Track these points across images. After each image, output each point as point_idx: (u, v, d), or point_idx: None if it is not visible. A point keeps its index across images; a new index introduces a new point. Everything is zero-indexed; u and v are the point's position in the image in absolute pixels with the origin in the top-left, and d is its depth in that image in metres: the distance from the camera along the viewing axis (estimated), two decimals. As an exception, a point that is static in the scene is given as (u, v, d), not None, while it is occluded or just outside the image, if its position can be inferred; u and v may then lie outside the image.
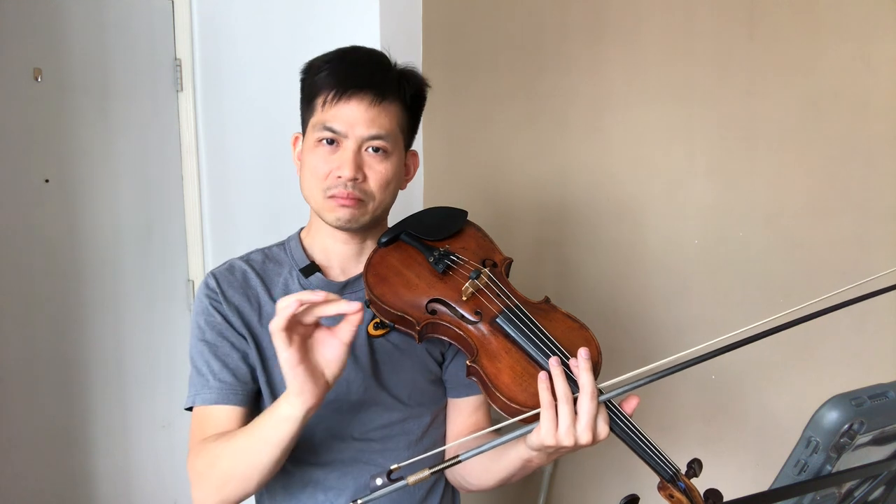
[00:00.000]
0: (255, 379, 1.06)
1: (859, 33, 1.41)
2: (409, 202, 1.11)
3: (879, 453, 0.72)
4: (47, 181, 1.66)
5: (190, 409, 1.05)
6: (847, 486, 0.71)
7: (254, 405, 1.06)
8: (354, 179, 1.00)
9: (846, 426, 0.66)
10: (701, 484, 0.87)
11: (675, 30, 1.59)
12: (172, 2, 1.93)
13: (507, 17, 1.80)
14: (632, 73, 1.65)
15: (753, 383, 1.59)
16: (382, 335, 1.08)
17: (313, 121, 1.02)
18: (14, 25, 1.57)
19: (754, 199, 1.55)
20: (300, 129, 1.10)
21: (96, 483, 1.80)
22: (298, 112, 1.09)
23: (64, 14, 1.68)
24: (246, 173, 1.97)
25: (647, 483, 0.96)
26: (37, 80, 1.62)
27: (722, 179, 1.58)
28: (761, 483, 0.71)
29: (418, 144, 1.87)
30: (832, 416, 0.67)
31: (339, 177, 1.00)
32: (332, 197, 1.02)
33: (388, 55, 1.06)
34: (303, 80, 1.06)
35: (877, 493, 0.73)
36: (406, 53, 1.08)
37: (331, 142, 1.01)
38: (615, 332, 1.72)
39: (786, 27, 1.47)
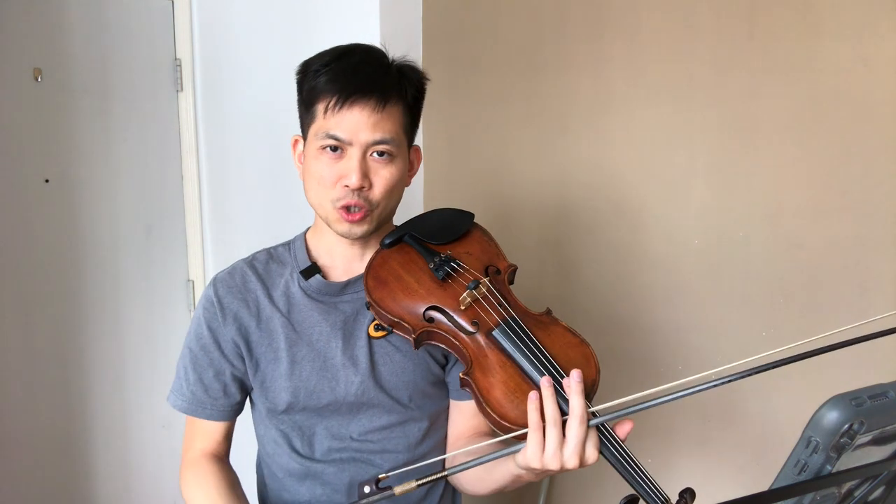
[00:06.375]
0: (227, 394, 1.09)
1: (859, 33, 1.40)
2: (409, 202, 1.11)
3: (879, 453, 0.72)
4: (47, 181, 1.66)
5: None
6: (847, 486, 0.71)
7: (230, 418, 1.12)
8: (361, 188, 0.99)
9: (846, 426, 0.66)
10: (701, 486, 0.87)
11: (676, 30, 1.59)
12: (172, 2, 1.93)
13: (507, 17, 1.80)
14: (632, 73, 1.65)
15: (753, 383, 1.58)
16: (383, 337, 1.08)
17: (315, 128, 1.01)
18: (14, 25, 1.57)
19: (754, 199, 1.55)
20: (299, 130, 1.09)
21: (96, 483, 1.80)
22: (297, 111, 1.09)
23: (64, 14, 1.68)
24: (246, 173, 1.97)
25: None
26: (37, 80, 1.62)
27: (722, 179, 1.58)
28: (761, 483, 0.71)
29: (418, 143, 1.87)
30: (832, 416, 0.67)
31: (346, 185, 0.99)
32: (341, 209, 1.01)
33: (385, 51, 1.05)
34: (299, 82, 1.05)
35: (877, 493, 0.73)
36: (406, 53, 1.08)
37: (335, 149, 0.99)
38: (615, 332, 1.72)
39: (786, 27, 1.47)
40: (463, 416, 1.14)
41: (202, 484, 1.03)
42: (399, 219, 1.13)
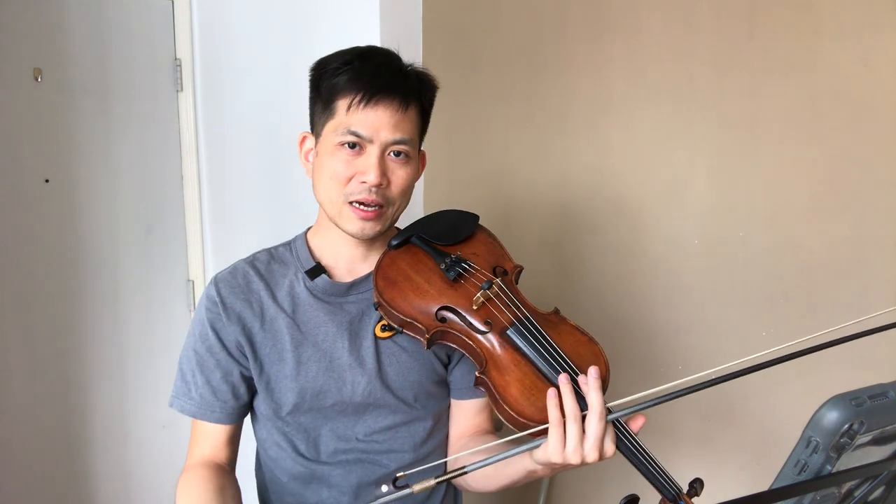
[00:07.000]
0: (237, 396, 1.08)
1: (859, 33, 1.41)
2: (409, 203, 1.11)
3: (879, 453, 0.72)
4: (47, 181, 1.66)
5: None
6: (847, 486, 0.71)
7: (238, 420, 1.10)
8: (379, 185, 0.99)
9: (846, 426, 0.66)
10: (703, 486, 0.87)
11: (676, 30, 1.59)
12: (172, 2, 1.93)
13: (507, 17, 1.80)
14: (632, 72, 1.65)
15: (753, 383, 1.59)
16: (389, 337, 1.08)
17: (334, 123, 1.00)
18: (14, 25, 1.56)
19: (754, 199, 1.55)
20: (306, 128, 1.08)
21: (96, 483, 1.80)
22: (298, 112, 1.08)
23: (64, 14, 1.68)
24: (246, 173, 1.97)
25: (646, 483, 0.96)
26: (37, 80, 1.62)
27: (722, 179, 1.58)
28: (761, 483, 0.71)
29: (418, 144, 1.86)
30: (832, 416, 0.67)
31: (364, 182, 0.99)
32: (353, 203, 1.01)
33: (399, 55, 1.06)
34: (315, 79, 1.04)
35: (877, 493, 0.73)
36: (406, 53, 1.08)
37: (353, 146, 0.99)
38: (616, 333, 1.72)
39: (786, 27, 1.47)
40: (465, 415, 1.14)
41: (188, 489, 1.01)
42: (399, 219, 1.13)
